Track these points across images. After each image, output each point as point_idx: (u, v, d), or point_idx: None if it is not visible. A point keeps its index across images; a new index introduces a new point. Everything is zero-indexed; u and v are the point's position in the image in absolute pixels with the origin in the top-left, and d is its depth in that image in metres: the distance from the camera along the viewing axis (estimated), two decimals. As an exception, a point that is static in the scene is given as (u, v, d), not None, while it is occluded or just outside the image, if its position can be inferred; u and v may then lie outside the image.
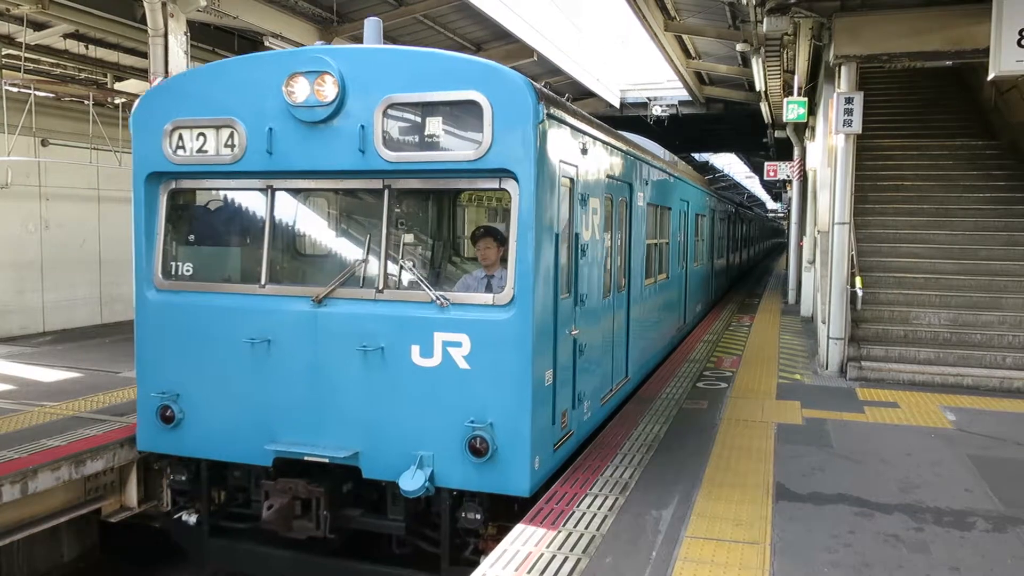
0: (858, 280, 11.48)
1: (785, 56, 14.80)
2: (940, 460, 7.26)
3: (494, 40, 16.90)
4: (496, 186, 5.72)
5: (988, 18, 8.43)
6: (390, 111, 5.72)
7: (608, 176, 7.71)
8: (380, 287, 5.98)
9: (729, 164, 50.16)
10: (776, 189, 43.08)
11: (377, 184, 6.01)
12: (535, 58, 17.40)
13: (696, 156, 41.00)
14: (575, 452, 6.96)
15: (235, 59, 6.54)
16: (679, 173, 13.16)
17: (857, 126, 11.03)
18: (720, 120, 26.36)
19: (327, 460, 5.89)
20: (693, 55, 19.72)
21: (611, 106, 24.05)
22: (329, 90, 5.76)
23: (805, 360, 12.47)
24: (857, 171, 12.14)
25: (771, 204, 71.81)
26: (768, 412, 8.94)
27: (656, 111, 24.43)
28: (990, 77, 8.72)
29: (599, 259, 7.38)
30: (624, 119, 24.15)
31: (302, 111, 5.86)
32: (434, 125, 5.64)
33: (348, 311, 5.98)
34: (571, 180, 6.37)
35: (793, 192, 22.42)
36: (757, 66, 15.75)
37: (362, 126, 5.73)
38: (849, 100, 11.00)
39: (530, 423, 5.57)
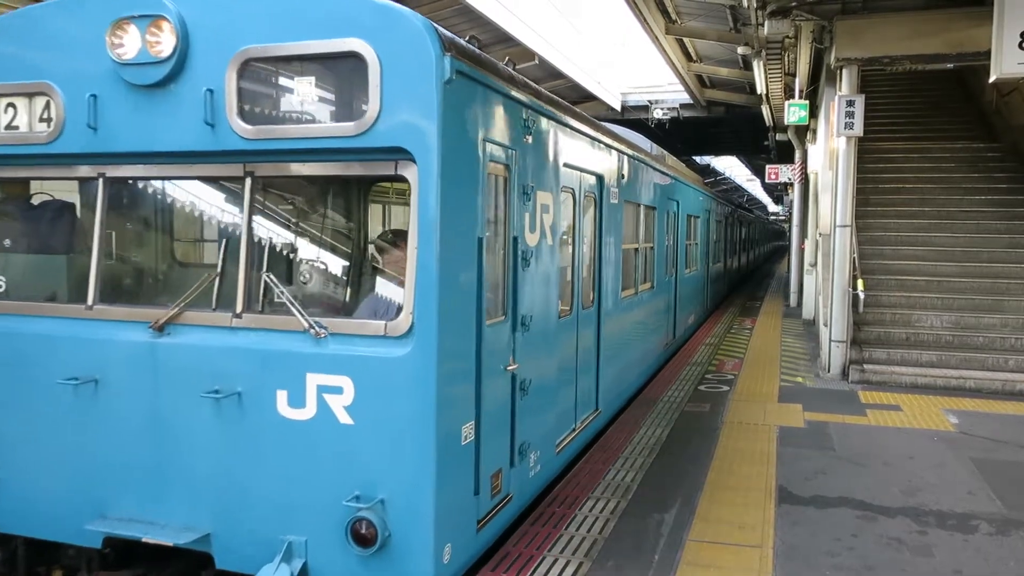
0: (860, 283, 11.47)
1: (786, 59, 14.82)
2: (943, 463, 7.25)
3: (496, 43, 16.92)
4: (391, 172, 4.19)
5: (989, 21, 8.44)
6: (248, 69, 4.25)
7: (568, 166, 6.32)
8: (238, 311, 4.45)
9: (730, 167, 50.20)
10: (777, 192, 43.09)
11: (236, 170, 4.52)
12: (536, 61, 17.44)
13: (697, 159, 41.04)
14: (518, 519, 5.60)
15: (48, 3, 4.87)
16: (668, 169, 11.75)
17: (858, 129, 11.04)
18: (721, 123, 26.39)
19: (170, 544, 4.44)
20: (694, 58, 19.74)
21: (612, 109, 24.07)
22: (166, 41, 4.31)
23: (807, 363, 12.46)
24: (859, 174, 12.14)
25: (772, 207, 71.80)
26: (770, 415, 8.93)
27: (657, 114, 24.45)
28: (991, 80, 8.72)
29: (553, 270, 5.93)
30: (625, 122, 24.17)
31: (132, 71, 4.39)
32: (305, 88, 4.21)
33: (196, 342, 4.49)
34: (506, 167, 4.95)
35: (794, 195, 22.43)
36: (758, 69, 15.76)
37: (210, 90, 4.28)
38: (850, 103, 11.01)
39: (434, 499, 4.07)
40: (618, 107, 24.52)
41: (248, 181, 4.49)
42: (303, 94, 4.23)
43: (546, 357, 5.94)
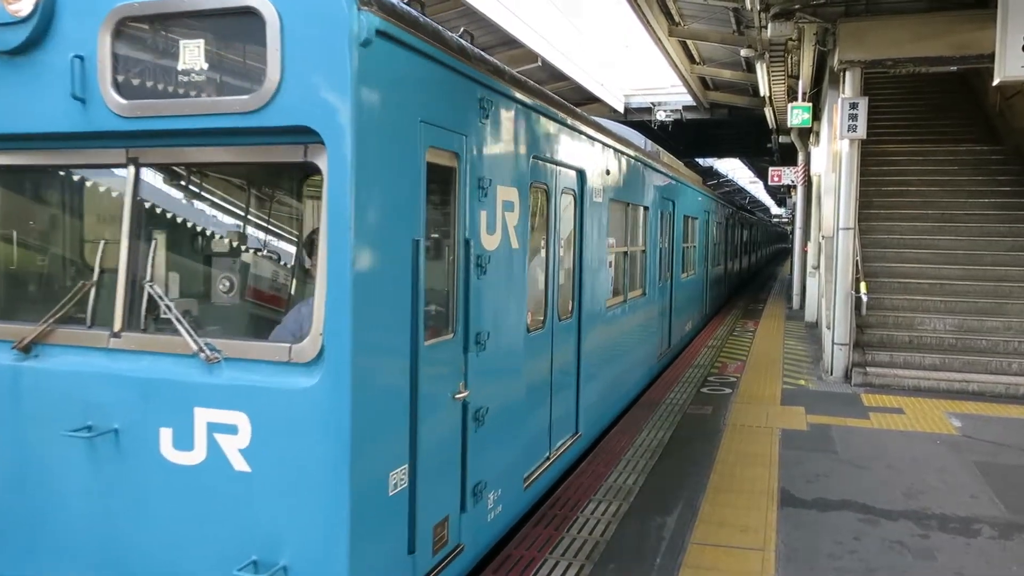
0: (863, 285, 11.46)
1: (789, 61, 14.80)
2: (945, 466, 7.24)
3: (499, 46, 16.94)
4: (300, 159, 3.41)
5: (993, 23, 8.43)
6: (124, 31, 3.49)
7: (541, 158, 5.61)
8: (116, 329, 3.71)
9: (733, 169, 50.19)
10: (780, 194, 43.07)
11: (117, 157, 3.75)
12: (539, 63, 17.45)
13: (700, 161, 41.04)
14: (480, 565, 4.97)
15: None
16: (663, 167, 11.02)
17: (862, 131, 11.03)
18: (724, 125, 26.37)
19: None
20: (697, 60, 19.73)
21: (615, 111, 24.08)
22: None
23: (810, 365, 12.44)
24: (862, 176, 12.13)
25: (775, 209, 71.76)
26: (773, 418, 8.92)
27: (660, 116, 24.45)
28: (995, 82, 8.71)
29: (519, 277, 5.21)
30: (628, 124, 24.16)
31: None
32: (193, 53, 3.41)
33: (68, 367, 3.73)
34: (455, 156, 4.25)
35: (797, 197, 22.41)
36: (761, 71, 15.75)
37: (79, 57, 3.52)
38: (854, 105, 11.00)
39: (349, 566, 3.34)
40: (621, 109, 24.51)
41: (132, 169, 3.72)
42: (191, 61, 3.40)
43: (510, 379, 5.17)
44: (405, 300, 3.70)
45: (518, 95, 5.10)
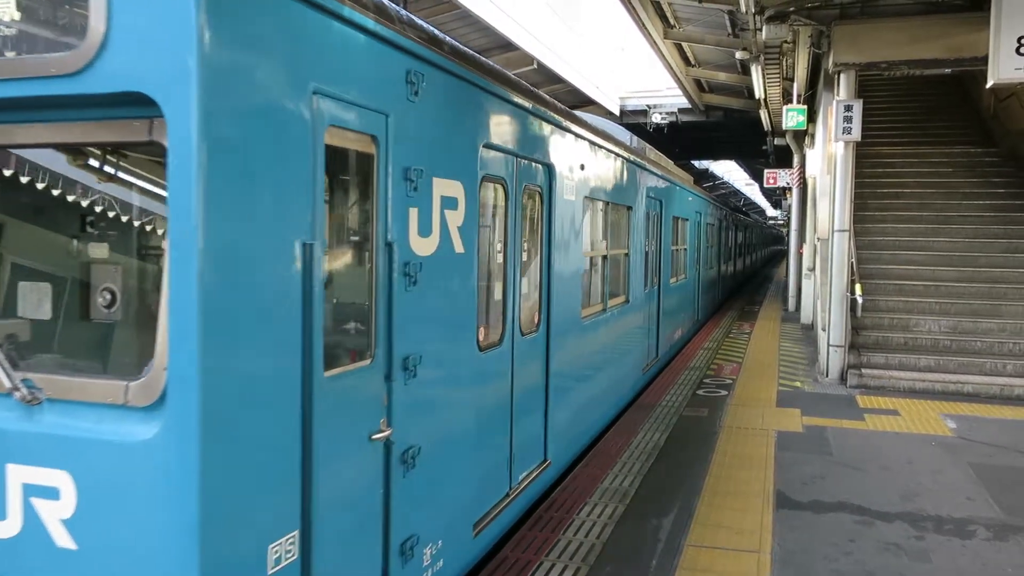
0: (858, 287, 11.48)
1: (784, 64, 14.84)
2: (941, 468, 7.25)
3: (495, 48, 16.95)
4: (143, 137, 2.64)
5: (987, 26, 8.46)
6: None
7: (494, 147, 4.87)
8: None
9: (729, 171, 50.28)
10: (776, 196, 43.17)
11: None
12: (535, 66, 17.46)
13: (696, 163, 41.10)
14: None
15: None
16: (650, 164, 10.31)
17: (856, 133, 11.05)
18: (720, 127, 26.40)
19: None
20: (692, 63, 19.77)
21: (611, 113, 24.11)
22: None
23: (805, 367, 12.46)
24: (857, 178, 12.16)
25: (771, 211, 71.88)
26: (768, 420, 8.93)
27: (656, 118, 24.48)
28: (989, 85, 8.74)
29: (465, 288, 4.48)
30: (625, 126, 24.21)
31: None
32: (7, 3, 2.65)
33: None
34: (372, 140, 3.49)
35: (793, 199, 22.45)
36: (756, 74, 15.78)
37: None
38: (848, 107, 11.03)
39: None
40: (617, 111, 24.54)
41: None
42: (6, 13, 2.64)
43: (453, 408, 4.43)
44: (291, 321, 2.92)
45: (461, 71, 4.28)
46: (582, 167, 6.85)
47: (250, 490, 2.75)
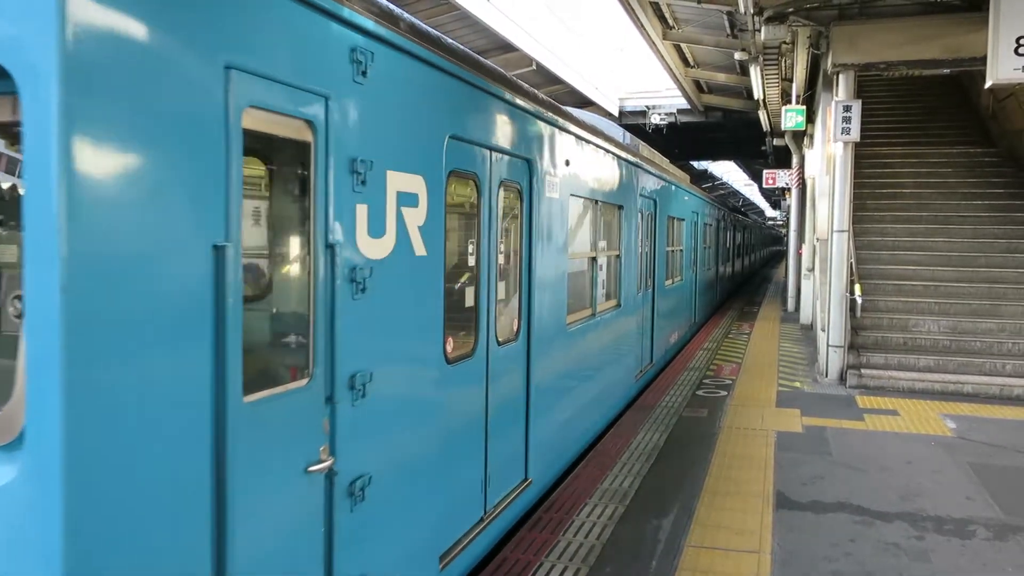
0: (857, 287, 11.49)
1: (783, 64, 14.86)
2: (940, 468, 7.25)
3: (494, 49, 16.96)
4: (7, 118, 2.30)
5: (985, 26, 8.46)
6: None
7: (462, 139, 4.44)
8: None
9: (728, 172, 50.33)
10: (775, 197, 43.19)
11: None
12: (534, 67, 17.48)
13: (695, 164, 41.12)
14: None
15: None
16: (644, 162, 9.89)
17: (855, 134, 11.06)
18: (719, 128, 26.43)
19: None
20: (691, 63, 19.79)
21: (610, 114, 24.13)
22: None
23: (805, 368, 12.46)
24: (856, 179, 12.17)
25: (770, 212, 71.94)
26: (768, 420, 8.93)
27: (655, 119, 24.51)
28: (987, 85, 8.75)
29: (425, 294, 4.02)
30: (624, 127, 24.24)
31: None
32: None
33: None
34: (309, 126, 3.07)
35: (792, 200, 22.47)
36: (755, 74, 15.80)
37: None
38: (847, 108, 11.04)
39: None
40: (616, 112, 24.56)
41: None
42: None
43: (413, 430, 3.95)
44: (196, 339, 2.49)
45: (422, 52, 3.82)
46: (567, 163, 6.42)
47: (139, 543, 2.28)
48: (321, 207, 3.12)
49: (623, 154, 8.58)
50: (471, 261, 4.86)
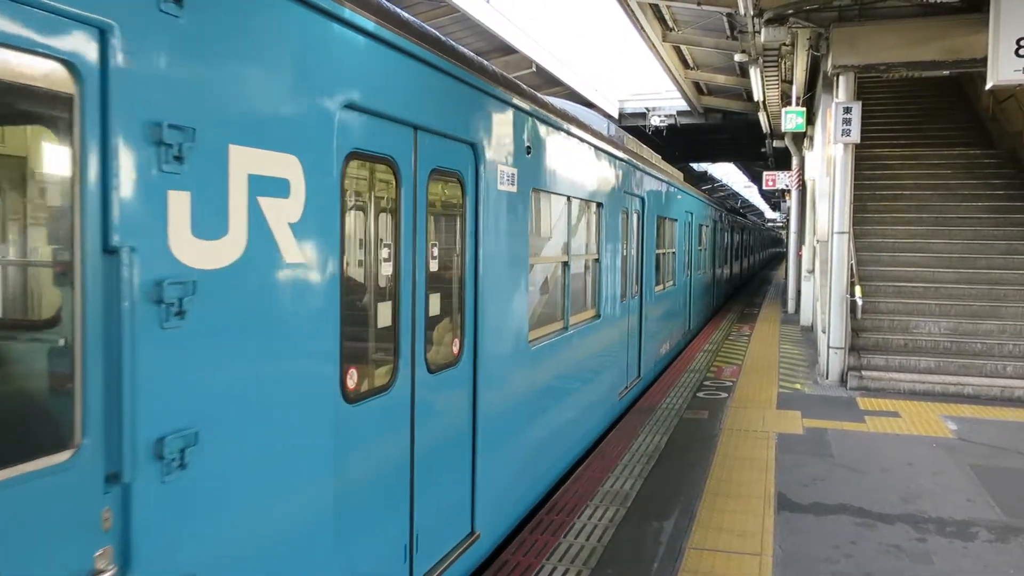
0: (858, 289, 11.48)
1: (783, 66, 14.86)
2: (942, 470, 7.24)
3: (494, 51, 16.97)
4: None
5: (986, 28, 8.46)
6: None
7: (362, 110, 3.47)
8: None
9: (728, 174, 50.36)
10: (775, 199, 43.21)
11: None
12: (534, 69, 17.49)
13: (695, 166, 41.15)
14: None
15: None
16: (628, 155, 8.97)
17: (856, 135, 11.06)
18: (719, 130, 26.45)
19: None
20: (691, 65, 19.80)
21: (610, 116, 24.14)
22: None
23: (805, 369, 12.45)
24: (856, 180, 12.17)
25: (770, 213, 71.98)
26: (769, 422, 8.92)
27: (655, 121, 24.53)
28: (988, 87, 8.75)
29: (308, 315, 3.11)
30: (624, 129, 24.24)
31: None
32: None
33: None
34: (71, 69, 2.13)
35: (792, 201, 22.47)
36: (755, 76, 15.81)
37: None
38: (847, 110, 11.04)
39: None
40: (616, 114, 24.58)
41: None
42: None
43: (280, 501, 2.95)
44: None
45: None
46: (528, 151, 5.47)
47: None
48: (93, 191, 2.16)
49: (604, 146, 7.72)
50: (387, 269, 3.82)
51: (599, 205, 7.81)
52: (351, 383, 3.48)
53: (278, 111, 2.89)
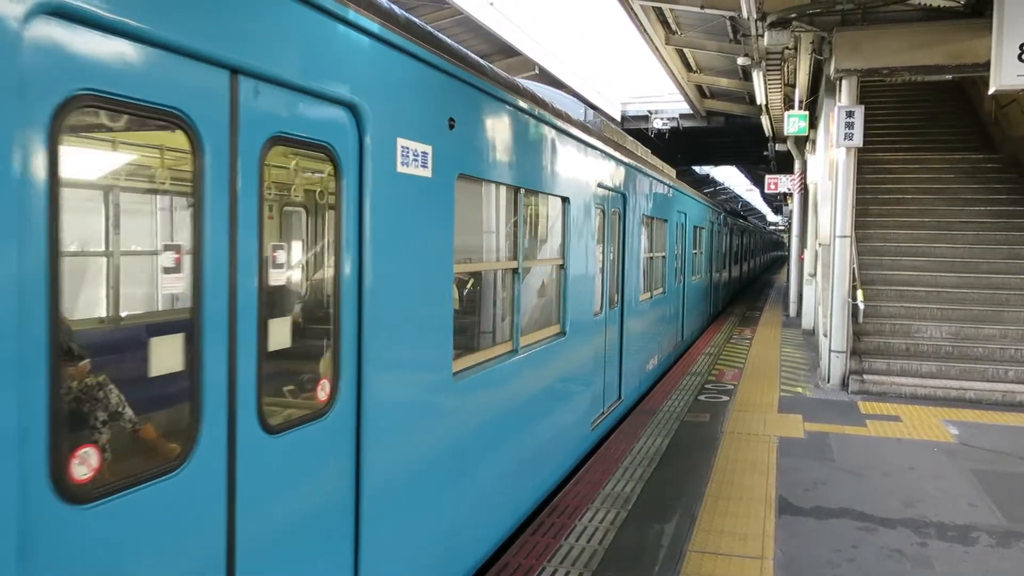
0: (860, 293, 11.48)
1: (786, 69, 14.86)
2: (943, 474, 7.24)
3: (497, 54, 17.00)
4: None
5: (988, 32, 8.47)
6: None
7: (79, 18, 2.10)
8: None
9: (730, 177, 50.39)
10: (777, 202, 43.19)
11: None
12: (537, 71, 17.51)
13: (697, 168, 41.18)
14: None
15: None
16: (604, 145, 7.75)
17: (858, 139, 11.07)
18: (721, 133, 26.47)
19: None
20: (694, 68, 19.82)
21: (612, 119, 24.16)
22: None
23: (807, 373, 12.44)
24: (858, 184, 12.16)
25: (772, 216, 71.98)
26: (770, 425, 8.92)
27: (657, 124, 24.55)
28: (991, 91, 8.75)
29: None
30: (626, 131, 24.26)
31: None
32: None
33: None
34: None
35: (794, 205, 22.46)
36: (758, 79, 15.81)
37: None
38: (850, 114, 11.04)
39: None
40: (618, 117, 24.61)
41: None
42: None
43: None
44: None
45: None
46: (451, 124, 4.22)
47: None
48: None
49: (571, 130, 6.50)
50: (176, 285, 2.68)
51: (565, 201, 6.56)
52: (82, 472, 2.18)
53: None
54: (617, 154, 8.32)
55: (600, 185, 7.65)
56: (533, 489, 5.93)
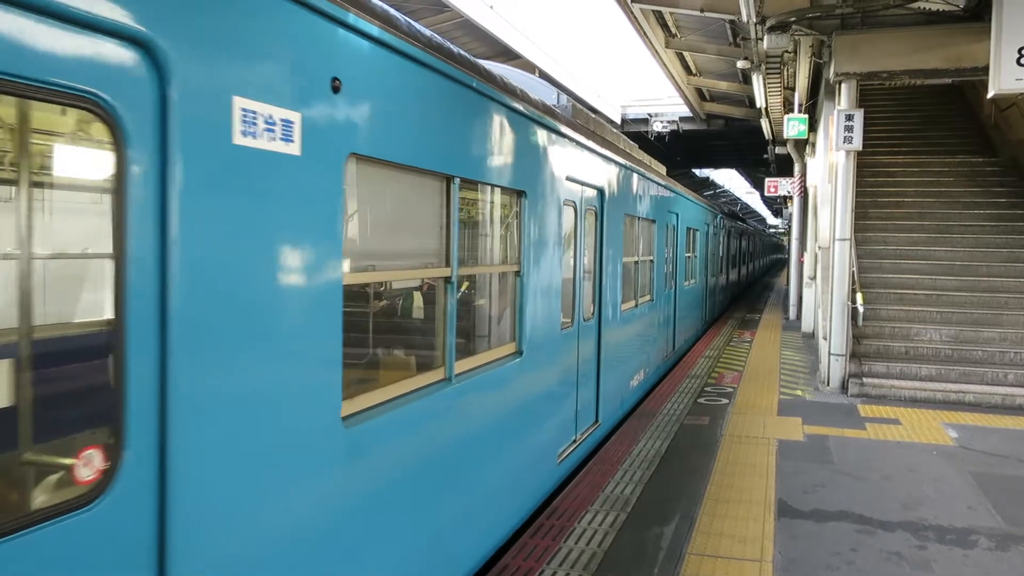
0: (859, 296, 11.49)
1: (786, 73, 14.90)
2: (942, 477, 7.24)
3: (497, 56, 17.02)
4: None
5: (988, 36, 8.48)
6: None
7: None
8: None
9: (730, 180, 50.44)
10: (777, 205, 43.22)
11: None
12: (536, 74, 17.54)
13: (697, 171, 41.21)
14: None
15: None
16: (579, 135, 6.77)
17: (858, 143, 11.09)
18: (721, 136, 26.51)
19: None
20: (694, 72, 19.85)
21: (612, 122, 24.19)
22: None
23: (806, 376, 12.45)
24: (858, 187, 12.19)
25: (771, 219, 72.03)
26: (769, 428, 8.92)
27: (657, 127, 24.58)
28: (990, 95, 8.76)
29: None
30: (626, 135, 24.29)
31: None
32: None
33: None
34: None
35: (794, 208, 22.49)
36: (758, 83, 15.84)
37: None
38: (850, 117, 11.06)
39: None
40: (618, 120, 24.64)
41: None
42: None
43: None
44: None
45: None
46: (336, 87, 3.16)
47: None
48: None
49: (525, 109, 5.38)
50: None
51: (520, 195, 5.47)
52: None
53: None
54: (592, 144, 7.21)
55: (571, 179, 6.61)
56: (463, 557, 4.57)
